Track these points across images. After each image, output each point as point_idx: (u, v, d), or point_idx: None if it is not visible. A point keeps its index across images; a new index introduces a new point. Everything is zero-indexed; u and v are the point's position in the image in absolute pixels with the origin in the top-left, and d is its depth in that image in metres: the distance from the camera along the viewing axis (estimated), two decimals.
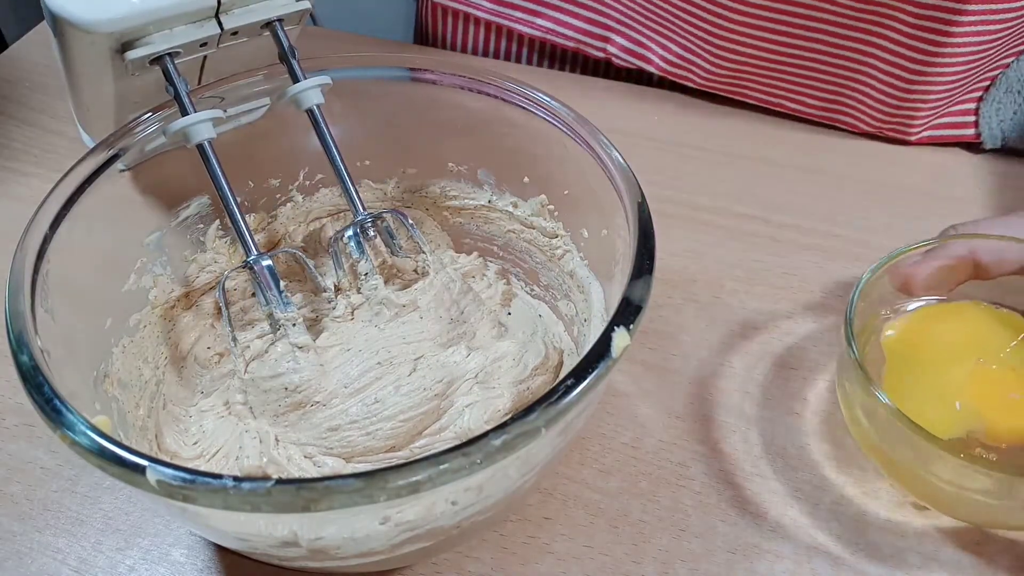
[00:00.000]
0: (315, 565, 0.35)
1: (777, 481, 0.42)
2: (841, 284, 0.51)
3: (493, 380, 0.42)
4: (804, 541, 0.40)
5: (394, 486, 0.27)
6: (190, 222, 0.45)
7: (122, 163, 0.40)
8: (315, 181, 0.49)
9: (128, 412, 0.40)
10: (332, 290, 0.45)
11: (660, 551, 0.40)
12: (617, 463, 0.43)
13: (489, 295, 0.47)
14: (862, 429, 0.40)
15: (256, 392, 0.41)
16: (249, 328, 0.44)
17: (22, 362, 0.31)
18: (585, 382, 0.30)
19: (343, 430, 0.39)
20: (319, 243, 0.49)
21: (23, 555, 0.40)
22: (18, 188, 0.59)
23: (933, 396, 0.39)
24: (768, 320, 0.50)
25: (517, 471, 0.33)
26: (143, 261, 0.43)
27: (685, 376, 0.47)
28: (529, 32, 0.70)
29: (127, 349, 0.41)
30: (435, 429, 0.40)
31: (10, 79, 0.68)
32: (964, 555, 0.39)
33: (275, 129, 0.46)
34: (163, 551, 0.40)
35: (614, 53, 0.68)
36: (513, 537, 0.40)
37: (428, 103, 0.46)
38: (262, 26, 0.42)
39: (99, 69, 0.40)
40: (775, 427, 0.45)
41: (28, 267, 0.35)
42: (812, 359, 0.48)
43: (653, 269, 0.34)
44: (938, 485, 0.37)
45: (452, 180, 0.49)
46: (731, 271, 0.53)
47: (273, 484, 0.27)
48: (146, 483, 0.28)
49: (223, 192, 0.41)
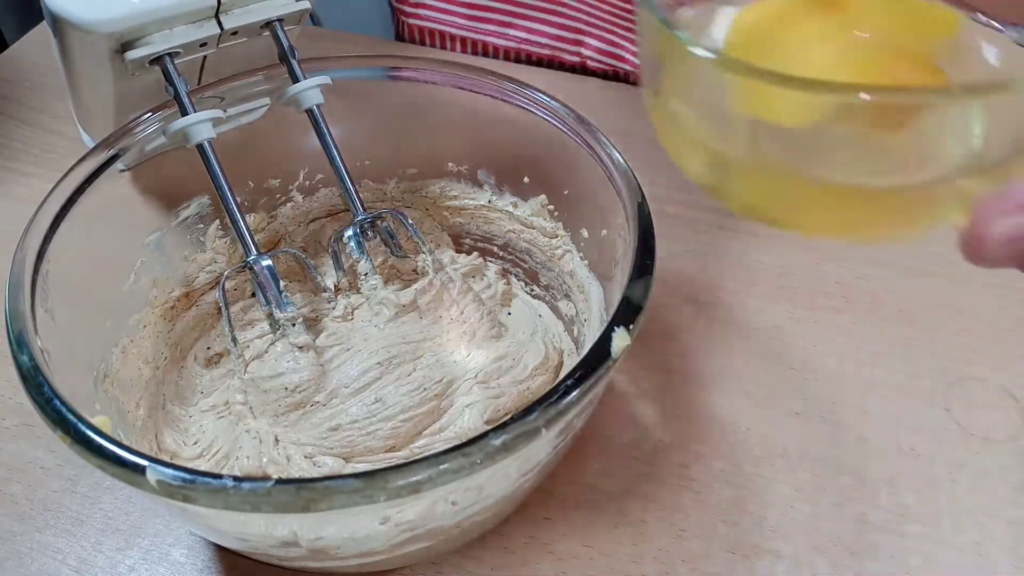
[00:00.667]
0: (315, 565, 0.35)
1: (777, 481, 0.42)
2: (842, 284, 0.51)
3: (493, 380, 0.42)
4: (804, 541, 0.40)
5: (394, 486, 0.27)
6: (190, 222, 0.45)
7: (122, 163, 0.40)
8: (315, 181, 0.49)
9: (128, 412, 0.40)
10: (332, 290, 0.46)
11: (660, 551, 0.40)
12: (617, 463, 0.43)
13: (489, 295, 0.47)
14: (684, 130, 0.29)
15: (256, 392, 0.41)
16: (249, 328, 0.44)
17: (22, 362, 0.31)
18: (585, 382, 0.30)
19: (343, 430, 0.39)
20: (319, 243, 0.49)
21: (23, 555, 0.40)
22: (18, 188, 0.59)
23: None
24: (768, 320, 0.50)
25: (517, 471, 0.33)
26: (143, 261, 0.43)
27: (685, 376, 0.47)
28: (504, 44, 0.71)
29: (127, 349, 0.41)
30: (435, 429, 0.40)
31: (10, 79, 0.68)
32: (965, 556, 0.39)
33: (275, 129, 0.46)
34: (163, 551, 0.40)
35: (589, 56, 0.69)
36: (513, 537, 0.40)
37: (428, 103, 0.46)
38: (262, 26, 0.42)
39: (99, 69, 0.40)
40: (775, 427, 0.45)
41: (28, 267, 0.35)
42: (812, 359, 0.48)
43: (653, 269, 0.34)
44: (808, 172, 0.27)
45: (452, 180, 0.49)
46: (731, 271, 0.53)
47: (273, 484, 0.27)
48: (146, 483, 0.28)
49: (223, 192, 0.41)
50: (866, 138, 0.26)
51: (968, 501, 0.41)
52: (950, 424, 0.44)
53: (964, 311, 0.49)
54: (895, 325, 0.49)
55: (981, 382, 0.46)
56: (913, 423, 0.44)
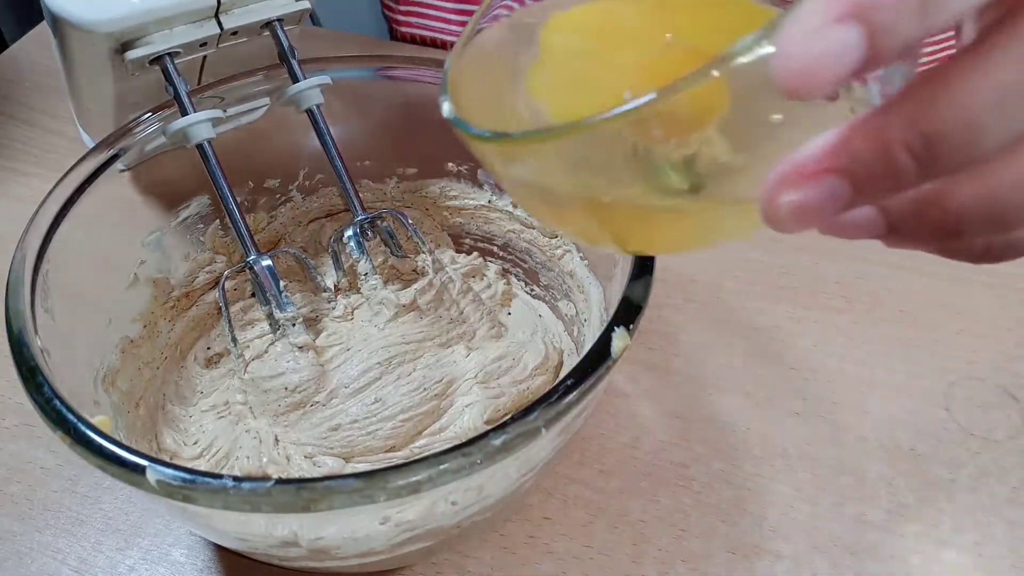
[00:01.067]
0: (315, 565, 0.35)
1: (777, 481, 0.42)
2: (842, 284, 0.51)
3: (493, 380, 0.42)
4: (804, 541, 0.40)
5: (394, 486, 0.27)
6: (190, 222, 0.45)
7: (122, 163, 0.40)
8: (315, 181, 0.49)
9: (128, 412, 0.40)
10: (332, 290, 0.45)
11: (660, 551, 0.40)
12: (617, 463, 0.43)
13: (489, 295, 0.47)
14: (520, 185, 0.26)
15: (256, 392, 0.41)
16: (249, 328, 0.44)
17: (22, 362, 0.31)
18: (585, 382, 0.30)
19: (343, 430, 0.39)
20: (319, 243, 0.49)
21: (23, 555, 0.40)
22: (18, 188, 0.59)
23: (590, 95, 0.26)
24: (768, 320, 0.50)
25: (517, 471, 0.33)
26: (143, 261, 0.43)
27: (685, 376, 0.47)
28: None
29: (127, 349, 0.41)
30: (435, 429, 0.40)
31: (10, 79, 0.68)
32: (965, 556, 0.39)
33: (275, 129, 0.46)
34: (163, 551, 0.40)
35: None
36: (513, 537, 0.40)
37: (428, 103, 0.46)
38: (262, 26, 0.42)
39: (99, 69, 0.40)
40: (775, 427, 0.45)
41: (28, 267, 0.35)
42: (812, 359, 0.48)
43: (653, 269, 0.34)
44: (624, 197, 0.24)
45: (452, 180, 0.49)
46: (731, 271, 0.53)
47: (273, 484, 0.27)
48: (146, 483, 0.28)
49: (223, 192, 0.41)
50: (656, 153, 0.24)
51: (968, 501, 0.41)
52: (950, 424, 0.44)
53: (964, 311, 0.49)
54: (895, 325, 0.49)
55: (981, 382, 0.46)
56: (913, 423, 0.44)
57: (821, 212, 0.22)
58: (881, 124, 0.20)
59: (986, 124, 0.20)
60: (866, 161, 0.21)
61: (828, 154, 0.21)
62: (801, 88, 0.19)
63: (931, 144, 0.20)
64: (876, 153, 0.20)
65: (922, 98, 0.20)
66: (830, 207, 0.21)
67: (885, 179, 0.21)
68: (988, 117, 0.20)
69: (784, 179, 0.22)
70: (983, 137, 0.20)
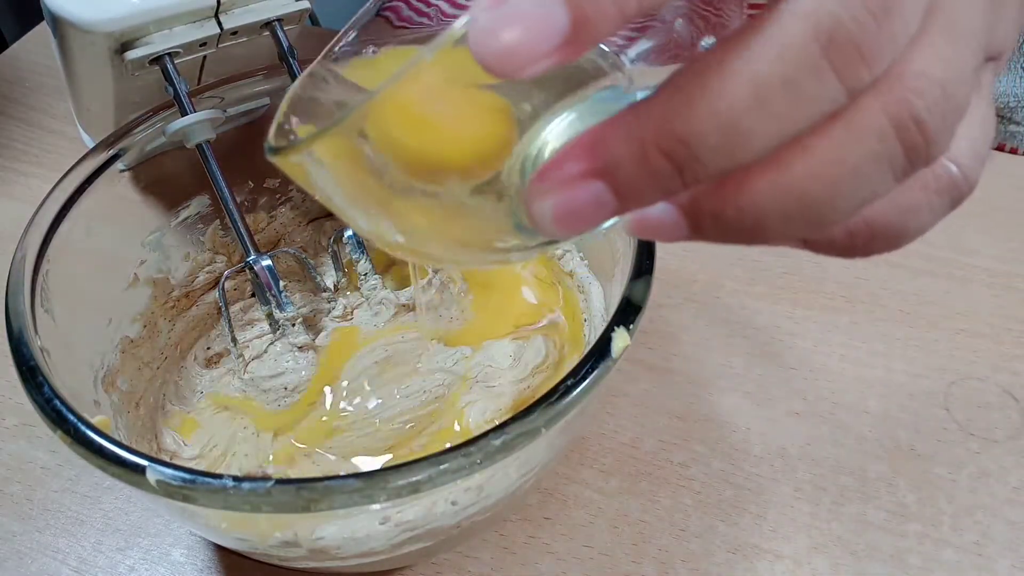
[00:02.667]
0: (315, 565, 0.35)
1: (777, 481, 0.42)
2: (842, 284, 0.51)
3: (493, 380, 0.42)
4: (804, 541, 0.40)
5: (394, 486, 0.27)
6: (190, 222, 0.45)
7: (122, 163, 0.40)
8: None
9: (128, 412, 0.40)
10: (332, 290, 0.46)
11: (660, 551, 0.40)
12: (617, 463, 0.43)
13: None
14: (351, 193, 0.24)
15: (256, 392, 0.41)
16: (249, 328, 0.44)
17: (22, 362, 0.31)
18: (585, 382, 0.30)
19: (343, 430, 0.39)
20: (319, 243, 0.49)
21: (23, 555, 0.40)
22: (18, 188, 0.59)
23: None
24: (768, 320, 0.50)
25: (517, 471, 0.33)
26: (143, 261, 0.43)
27: (685, 376, 0.47)
28: None
29: (127, 349, 0.41)
30: (435, 429, 0.40)
31: (10, 79, 0.68)
32: (965, 556, 0.39)
33: None
34: (163, 551, 0.40)
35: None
36: (513, 537, 0.40)
37: None
38: (262, 26, 0.42)
39: (99, 69, 0.40)
40: (775, 427, 0.45)
41: (28, 267, 0.35)
42: (812, 359, 0.48)
43: (653, 269, 0.34)
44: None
45: None
46: (731, 271, 0.53)
47: (273, 484, 0.27)
48: (146, 483, 0.28)
49: (223, 192, 0.41)
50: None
51: (968, 501, 0.41)
52: (950, 424, 0.44)
53: (964, 311, 0.49)
54: (895, 325, 0.49)
55: (981, 382, 0.46)
56: (913, 423, 0.44)
57: (588, 219, 0.19)
58: (636, 125, 0.18)
59: (747, 127, 0.17)
60: (623, 165, 0.18)
61: (588, 154, 0.19)
62: (496, 65, 0.16)
63: (689, 148, 0.17)
64: (633, 157, 0.18)
65: (679, 96, 0.17)
66: (597, 214, 0.19)
67: (647, 185, 0.18)
68: (749, 119, 0.17)
69: (544, 180, 0.19)
70: (748, 140, 0.17)
